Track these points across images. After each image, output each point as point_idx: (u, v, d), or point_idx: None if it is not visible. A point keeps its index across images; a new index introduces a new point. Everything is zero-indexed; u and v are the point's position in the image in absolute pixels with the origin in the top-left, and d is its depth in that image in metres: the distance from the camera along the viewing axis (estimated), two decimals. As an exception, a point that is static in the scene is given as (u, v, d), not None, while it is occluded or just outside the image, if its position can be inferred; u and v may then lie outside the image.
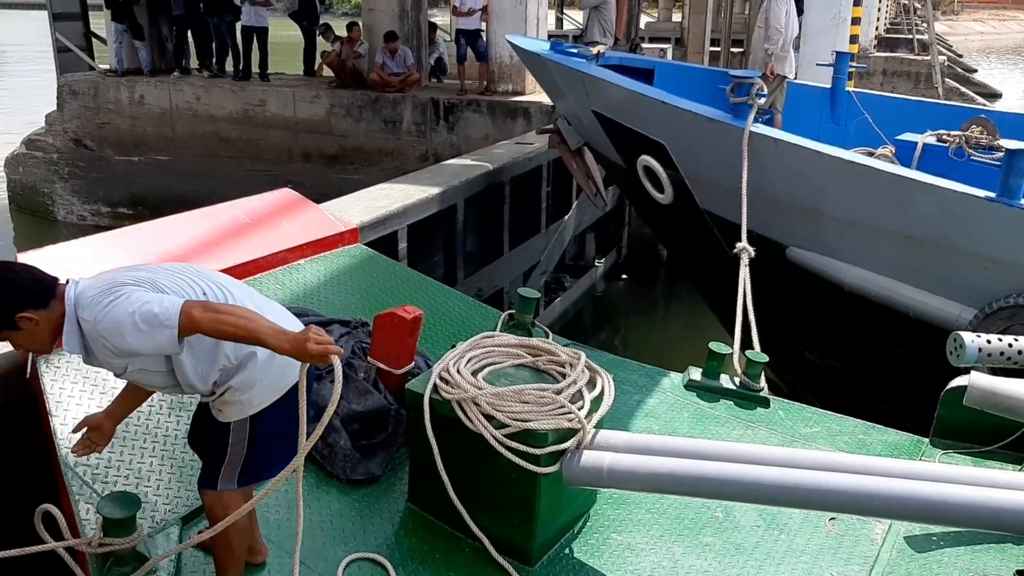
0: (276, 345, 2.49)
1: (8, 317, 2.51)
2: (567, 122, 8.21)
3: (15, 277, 2.55)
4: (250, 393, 2.78)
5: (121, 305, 2.48)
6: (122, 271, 2.68)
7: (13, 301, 2.51)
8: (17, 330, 2.54)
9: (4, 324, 2.53)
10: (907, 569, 3.44)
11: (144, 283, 2.58)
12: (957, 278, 5.27)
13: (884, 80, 16.51)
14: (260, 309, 2.70)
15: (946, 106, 8.33)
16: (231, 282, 2.85)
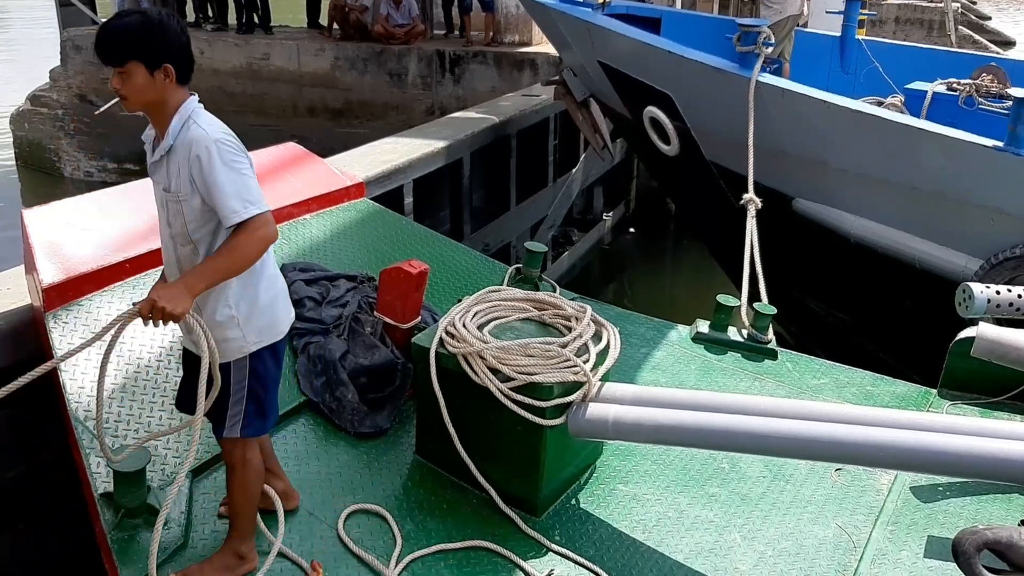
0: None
1: (161, 57, 2.58)
2: (573, 73, 8.11)
3: (186, 40, 2.66)
4: (244, 329, 2.80)
5: (240, 157, 2.65)
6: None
7: (175, 51, 2.60)
8: (153, 72, 2.58)
9: (153, 61, 2.57)
10: (912, 519, 3.46)
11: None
12: (963, 229, 5.24)
13: (896, 28, 16.24)
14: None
15: (958, 54, 8.20)
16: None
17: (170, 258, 2.81)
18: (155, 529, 2.65)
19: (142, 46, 2.55)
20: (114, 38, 2.55)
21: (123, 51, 2.55)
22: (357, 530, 3.27)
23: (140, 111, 2.67)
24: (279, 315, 2.92)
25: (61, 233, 3.92)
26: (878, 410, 3.39)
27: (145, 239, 4.06)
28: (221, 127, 2.69)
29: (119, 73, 2.57)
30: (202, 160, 2.59)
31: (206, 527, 3.18)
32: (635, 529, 3.38)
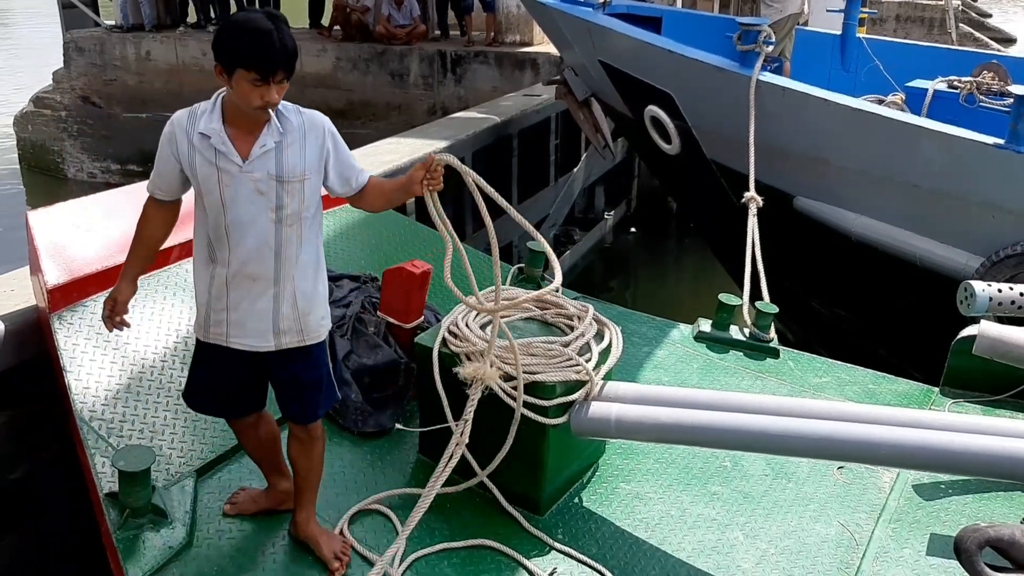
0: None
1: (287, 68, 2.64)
2: (574, 73, 8.12)
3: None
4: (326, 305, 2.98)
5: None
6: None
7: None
8: (278, 84, 2.62)
9: (282, 72, 2.62)
10: (915, 516, 3.47)
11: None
12: (964, 226, 5.24)
13: (897, 26, 16.23)
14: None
15: (958, 52, 8.20)
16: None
17: (265, 243, 2.76)
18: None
19: None
20: (294, 53, 2.65)
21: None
22: (361, 529, 3.28)
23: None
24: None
25: (66, 234, 3.94)
26: (880, 408, 3.40)
27: (149, 240, 4.07)
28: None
29: (281, 83, 2.64)
30: (335, 134, 2.84)
31: (211, 526, 3.19)
32: (638, 527, 3.39)
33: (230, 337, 2.85)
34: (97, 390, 3.47)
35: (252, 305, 2.80)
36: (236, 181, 2.69)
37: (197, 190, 2.76)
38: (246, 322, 2.82)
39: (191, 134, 2.69)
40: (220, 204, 2.71)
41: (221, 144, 2.67)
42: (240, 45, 2.56)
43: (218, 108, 2.70)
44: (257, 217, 2.72)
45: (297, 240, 2.80)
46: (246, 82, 2.58)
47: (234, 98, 2.64)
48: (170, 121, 2.74)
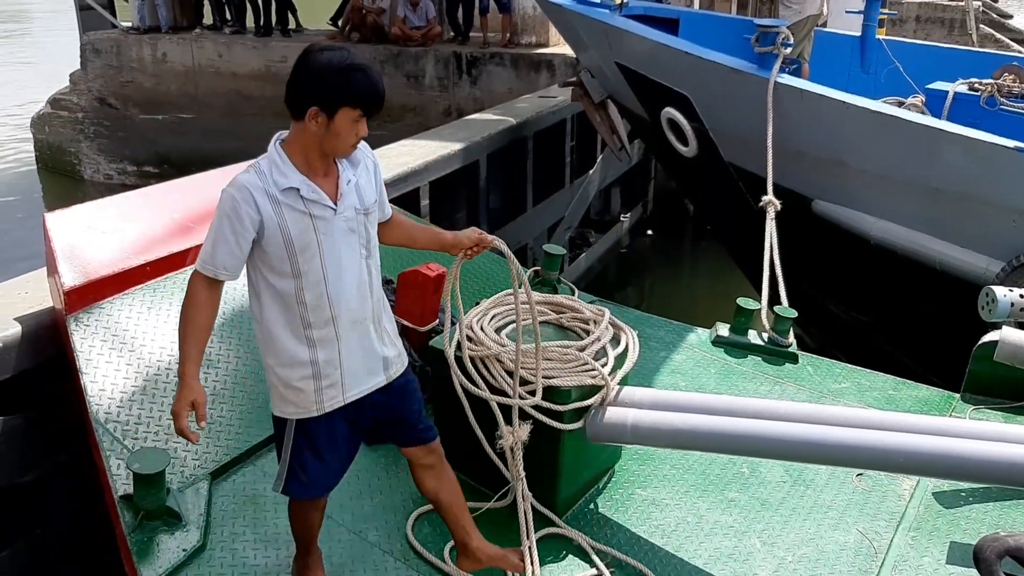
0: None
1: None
2: (590, 75, 8.09)
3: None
4: None
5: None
6: None
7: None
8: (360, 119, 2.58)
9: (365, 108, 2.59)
10: (934, 524, 3.43)
11: None
12: (985, 230, 5.18)
13: (917, 27, 16.09)
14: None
15: (979, 53, 8.12)
16: None
17: (361, 281, 2.70)
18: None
19: None
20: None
21: None
22: (375, 533, 3.27)
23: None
24: None
25: (82, 236, 3.95)
26: (900, 415, 3.36)
27: (165, 242, 4.08)
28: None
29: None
30: (378, 164, 2.81)
31: (225, 529, 3.19)
32: (654, 534, 3.36)
33: (347, 392, 2.73)
34: (113, 392, 3.47)
35: (360, 348, 2.72)
36: (331, 226, 2.59)
37: (281, 256, 2.56)
38: (359, 368, 2.73)
39: (273, 192, 2.52)
40: (319, 257, 2.57)
41: (311, 192, 2.56)
42: (348, 83, 2.51)
43: (286, 158, 2.57)
44: (352, 257, 2.66)
45: (376, 269, 2.78)
46: (349, 120, 2.53)
47: (324, 139, 2.54)
48: (237, 188, 2.50)
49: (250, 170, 2.56)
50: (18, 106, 18.22)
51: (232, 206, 2.49)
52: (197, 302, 2.60)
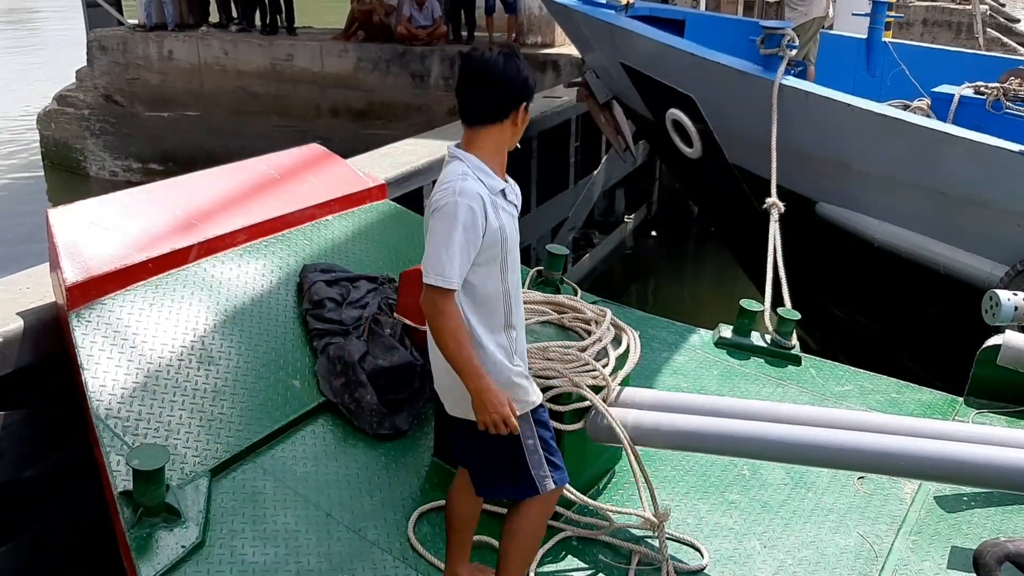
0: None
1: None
2: (595, 75, 8.08)
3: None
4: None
5: None
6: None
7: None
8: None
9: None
10: (936, 529, 3.42)
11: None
12: (989, 234, 5.17)
13: (924, 30, 16.06)
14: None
15: (986, 57, 8.10)
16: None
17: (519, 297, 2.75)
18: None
19: None
20: None
21: None
22: (375, 531, 3.26)
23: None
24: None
25: (85, 232, 3.95)
26: (902, 418, 3.36)
27: (167, 239, 4.08)
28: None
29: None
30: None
31: (224, 526, 3.18)
32: (654, 535, 3.35)
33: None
34: (114, 388, 3.47)
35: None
36: (515, 223, 2.69)
37: (495, 256, 2.60)
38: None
39: (490, 197, 2.57)
40: (516, 257, 2.68)
41: (511, 193, 2.66)
42: (529, 78, 2.61)
43: (483, 162, 2.61)
44: (516, 271, 2.74)
45: None
46: (527, 113, 2.63)
47: (514, 137, 2.65)
48: (470, 198, 2.50)
49: (467, 177, 2.54)
50: (25, 102, 18.26)
51: (469, 216, 2.49)
52: (456, 318, 2.54)
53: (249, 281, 4.20)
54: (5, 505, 3.81)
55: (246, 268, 4.26)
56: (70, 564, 4.13)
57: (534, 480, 2.73)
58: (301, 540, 3.16)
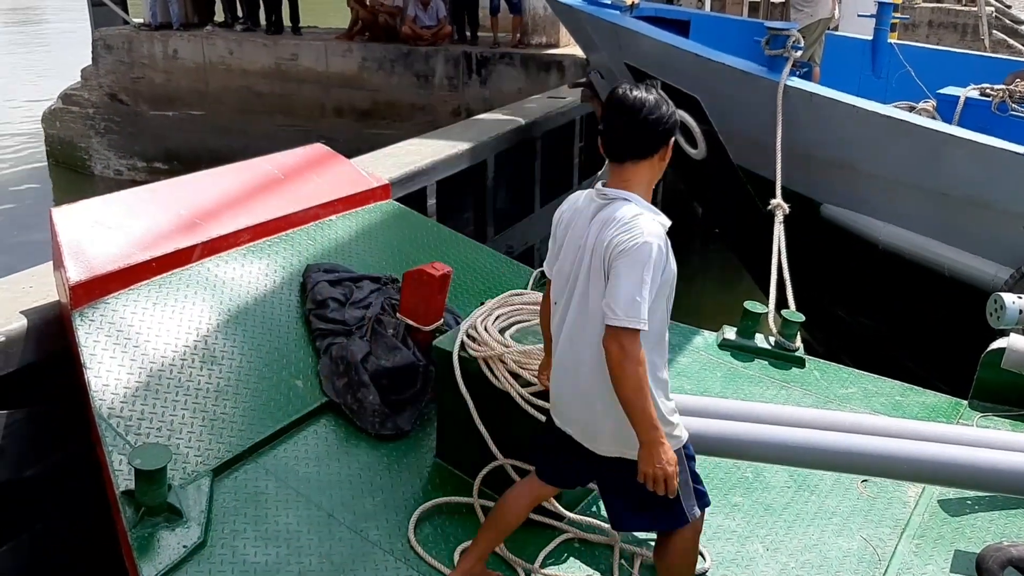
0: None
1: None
2: (600, 76, 8.07)
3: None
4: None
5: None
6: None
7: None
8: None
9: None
10: (939, 532, 3.40)
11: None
12: (994, 237, 5.16)
13: (929, 32, 16.02)
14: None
15: (992, 59, 8.07)
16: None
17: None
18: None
19: None
20: None
21: None
22: (376, 532, 3.26)
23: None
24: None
25: (89, 231, 3.95)
26: (906, 422, 3.35)
27: (171, 239, 4.09)
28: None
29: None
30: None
31: (226, 526, 3.18)
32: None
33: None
34: (116, 387, 3.47)
35: None
36: None
37: (667, 295, 2.69)
38: None
39: (665, 236, 2.63)
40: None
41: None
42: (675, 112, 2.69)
43: (644, 199, 2.67)
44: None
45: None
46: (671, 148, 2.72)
47: (657, 173, 2.72)
48: (662, 240, 2.58)
49: (646, 217, 2.58)
50: (30, 101, 18.28)
51: (659, 256, 2.54)
52: (643, 363, 2.52)
53: (252, 281, 4.20)
54: (6, 504, 3.81)
55: (249, 268, 4.26)
56: (71, 563, 4.13)
57: (684, 511, 2.75)
58: (303, 540, 3.16)
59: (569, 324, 2.71)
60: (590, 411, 2.71)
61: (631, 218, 2.55)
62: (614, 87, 2.71)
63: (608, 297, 2.51)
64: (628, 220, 2.55)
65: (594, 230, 2.62)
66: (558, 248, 2.81)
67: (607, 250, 2.54)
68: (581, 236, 2.67)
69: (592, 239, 2.61)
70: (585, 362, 2.66)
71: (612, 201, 2.63)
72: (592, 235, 2.62)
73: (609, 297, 2.50)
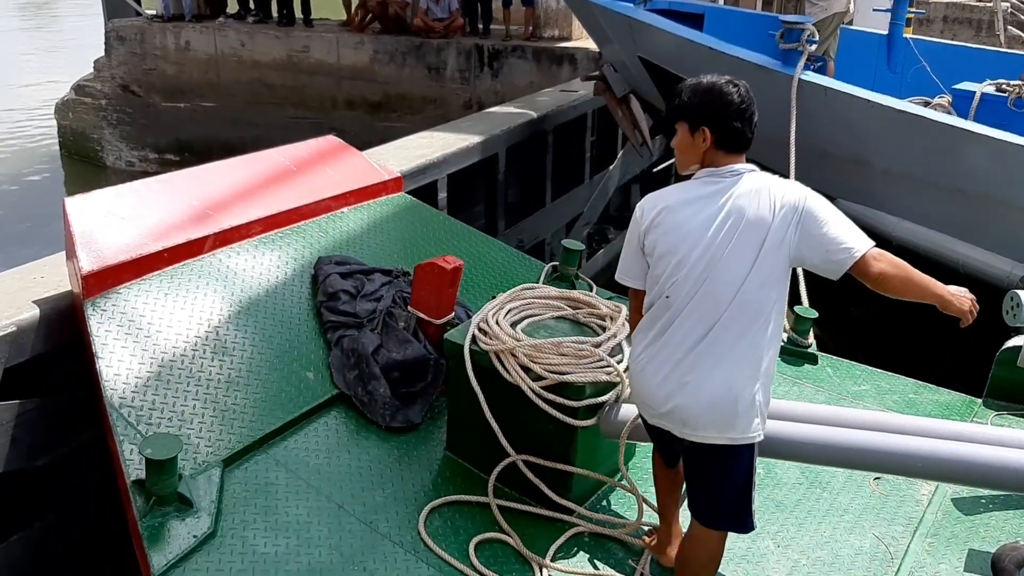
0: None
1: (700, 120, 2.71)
2: (613, 69, 8.04)
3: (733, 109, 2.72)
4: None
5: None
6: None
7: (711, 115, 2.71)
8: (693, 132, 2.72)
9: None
10: (953, 531, 3.38)
11: None
12: (1009, 233, 5.12)
13: (944, 27, 15.91)
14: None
15: (1007, 54, 8.00)
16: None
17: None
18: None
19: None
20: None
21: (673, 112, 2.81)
22: (386, 524, 3.26)
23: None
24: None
25: (101, 221, 3.95)
26: (920, 419, 3.32)
27: (183, 229, 4.08)
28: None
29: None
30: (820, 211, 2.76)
31: (236, 516, 3.18)
32: (667, 532, 3.32)
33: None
34: (128, 377, 3.47)
35: None
36: None
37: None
38: None
39: None
40: None
41: None
42: None
43: None
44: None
45: None
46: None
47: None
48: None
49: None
50: (43, 92, 18.34)
51: None
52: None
53: (264, 272, 4.20)
54: (18, 493, 3.82)
55: (261, 259, 4.26)
56: (82, 552, 4.15)
57: (752, 515, 2.75)
58: (313, 532, 3.15)
59: (717, 309, 2.60)
60: (713, 396, 2.62)
61: (782, 180, 2.67)
62: (716, 81, 2.75)
63: (834, 240, 2.59)
64: (784, 181, 2.67)
65: (750, 201, 2.61)
66: (672, 240, 2.66)
67: (794, 207, 2.59)
68: (720, 212, 2.62)
69: (755, 207, 2.60)
70: (743, 347, 2.60)
71: (741, 174, 2.67)
72: (751, 204, 2.60)
73: (835, 239, 2.60)
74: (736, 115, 2.68)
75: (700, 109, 2.71)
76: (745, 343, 2.59)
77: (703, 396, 2.60)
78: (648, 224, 2.71)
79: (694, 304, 2.60)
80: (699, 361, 2.61)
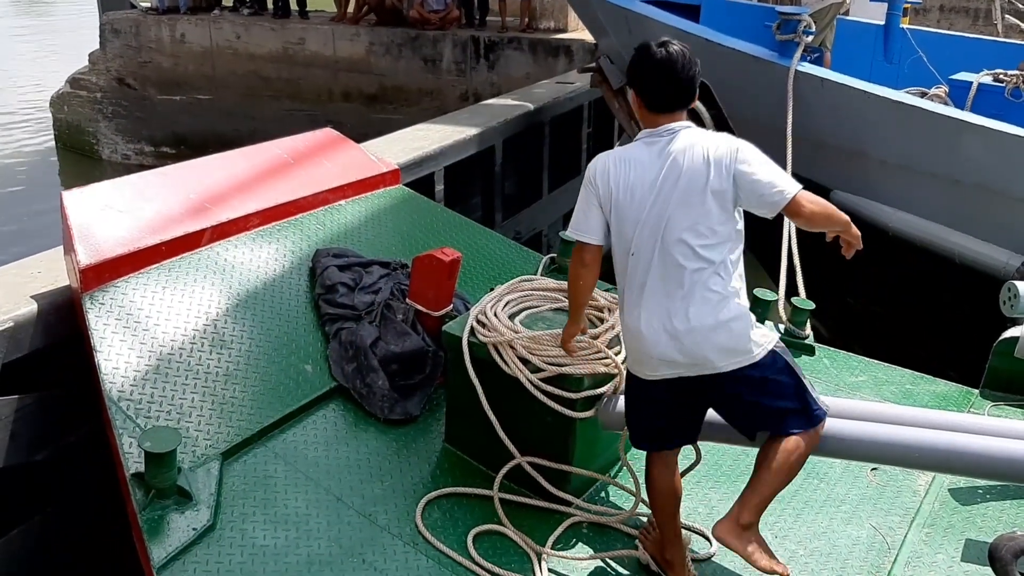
0: None
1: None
2: (610, 60, 8.03)
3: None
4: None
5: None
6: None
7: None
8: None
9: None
10: (949, 521, 3.39)
11: None
12: (1006, 223, 5.12)
13: (941, 16, 15.89)
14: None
15: (1005, 44, 7.99)
16: None
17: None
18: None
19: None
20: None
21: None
22: (385, 516, 3.26)
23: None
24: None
25: (99, 215, 3.95)
26: (917, 409, 3.33)
27: (181, 222, 4.08)
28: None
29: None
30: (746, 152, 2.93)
31: (235, 509, 3.18)
32: (665, 523, 3.33)
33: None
34: (126, 371, 3.47)
35: None
36: None
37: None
38: None
39: None
40: None
41: None
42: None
43: None
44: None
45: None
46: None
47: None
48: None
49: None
50: (38, 85, 18.29)
51: None
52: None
53: (262, 265, 4.20)
54: (18, 487, 3.83)
55: (259, 252, 4.26)
56: (81, 546, 4.15)
57: (818, 405, 2.91)
58: (311, 524, 3.16)
59: (681, 256, 2.77)
60: (724, 329, 2.80)
61: (715, 134, 2.84)
62: (645, 44, 2.86)
63: (767, 185, 2.78)
64: (717, 135, 2.84)
65: (685, 156, 2.78)
66: (627, 200, 2.86)
67: (728, 157, 2.78)
68: (662, 170, 2.80)
69: (689, 161, 2.77)
70: (714, 282, 2.78)
71: (677, 132, 2.83)
72: (686, 159, 2.78)
73: (768, 184, 2.78)
74: (657, 74, 2.83)
75: (629, 72, 2.92)
76: (716, 281, 2.79)
77: (705, 331, 2.77)
78: (603, 187, 2.95)
79: (659, 256, 2.79)
80: (685, 304, 2.78)
